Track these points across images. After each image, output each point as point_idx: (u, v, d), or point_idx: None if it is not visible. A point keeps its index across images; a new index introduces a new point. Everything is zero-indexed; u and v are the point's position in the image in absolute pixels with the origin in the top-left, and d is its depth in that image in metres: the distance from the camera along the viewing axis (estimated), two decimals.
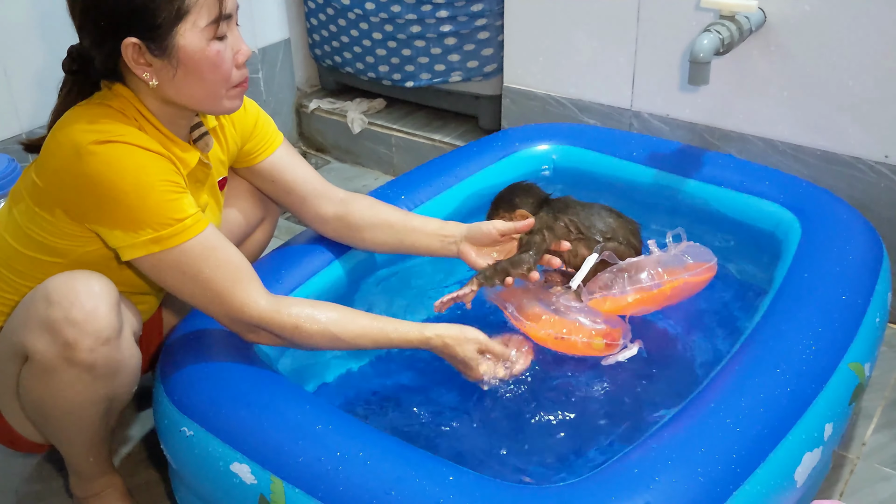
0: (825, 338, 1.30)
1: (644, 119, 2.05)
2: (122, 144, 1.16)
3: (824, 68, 1.76)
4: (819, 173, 1.83)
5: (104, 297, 1.19)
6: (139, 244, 1.17)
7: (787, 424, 1.16)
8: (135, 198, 1.15)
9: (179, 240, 1.18)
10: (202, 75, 1.21)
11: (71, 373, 1.19)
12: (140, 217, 1.16)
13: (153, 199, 1.16)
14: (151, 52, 1.18)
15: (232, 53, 1.23)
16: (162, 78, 1.20)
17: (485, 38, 2.32)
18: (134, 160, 1.16)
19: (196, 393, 1.24)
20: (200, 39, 1.19)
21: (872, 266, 1.48)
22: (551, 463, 1.30)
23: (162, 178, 1.18)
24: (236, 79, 1.25)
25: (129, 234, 1.17)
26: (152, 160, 1.18)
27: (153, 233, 1.17)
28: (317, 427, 1.15)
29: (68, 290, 1.17)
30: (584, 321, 1.42)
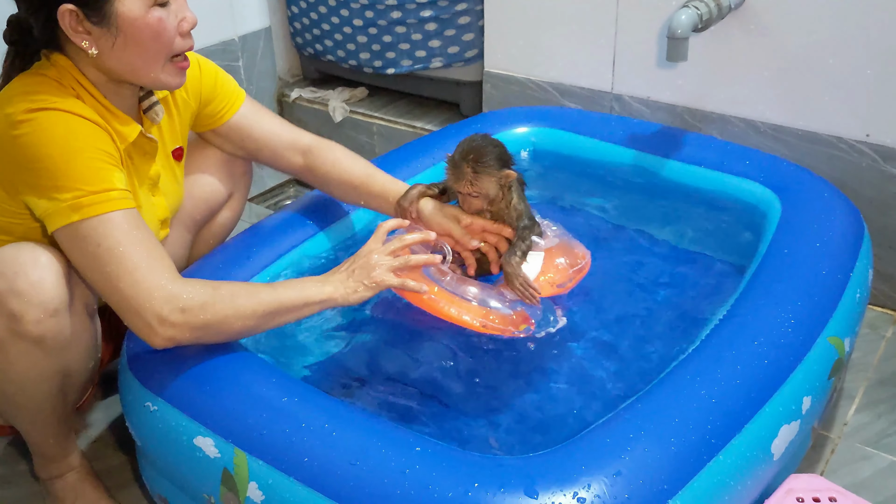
0: (804, 311, 1.29)
1: (625, 102, 2.03)
2: (54, 111, 1.12)
3: (805, 47, 1.74)
4: (800, 153, 1.81)
5: (50, 268, 1.14)
6: (60, 211, 1.11)
7: (764, 396, 1.14)
8: (60, 161, 1.10)
9: (100, 210, 1.11)
10: (143, 44, 1.16)
11: (19, 346, 1.15)
12: (62, 182, 1.10)
13: (79, 165, 1.11)
14: (89, 18, 1.14)
15: (176, 21, 1.19)
16: (101, 46, 1.16)
17: (465, 23, 2.30)
18: (65, 125, 1.12)
19: (160, 367, 1.21)
20: (141, 5, 1.15)
21: (853, 242, 1.47)
22: (523, 434, 1.28)
23: (92, 145, 1.13)
24: (179, 47, 1.21)
25: (52, 201, 1.11)
26: (84, 127, 1.13)
27: (73, 200, 1.10)
28: (281, 399, 1.12)
29: (13, 261, 1.13)
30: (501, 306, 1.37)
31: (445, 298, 1.36)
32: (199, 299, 1.13)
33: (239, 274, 1.42)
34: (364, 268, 1.27)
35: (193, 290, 1.13)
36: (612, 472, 1.00)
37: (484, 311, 1.35)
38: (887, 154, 1.71)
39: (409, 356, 1.43)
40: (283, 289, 1.21)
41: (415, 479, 1.00)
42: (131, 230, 1.13)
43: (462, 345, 1.46)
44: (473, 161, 1.36)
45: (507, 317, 1.36)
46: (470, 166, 1.36)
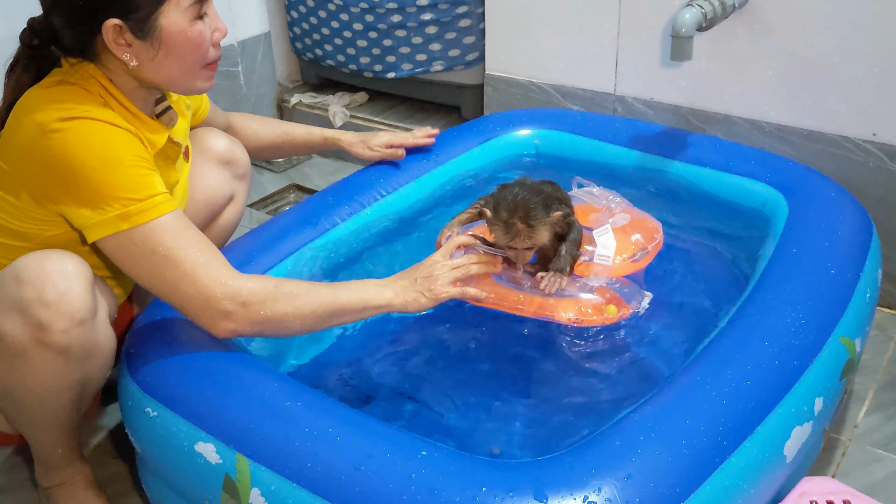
0: (814, 311, 1.26)
1: (628, 103, 2.02)
2: (88, 120, 1.12)
3: (810, 46, 1.72)
4: (806, 153, 1.79)
5: (78, 277, 1.13)
6: (106, 221, 1.11)
7: (776, 398, 1.12)
8: (102, 172, 1.10)
9: (149, 216, 1.12)
10: (183, 56, 1.19)
11: (44, 356, 1.13)
12: (107, 192, 1.11)
13: (121, 174, 1.11)
14: (133, 32, 1.14)
15: (210, 32, 1.21)
16: (142, 59, 1.17)
17: (466, 27, 2.28)
18: (101, 135, 1.12)
19: (160, 372, 1.19)
20: (184, 19, 1.17)
21: (862, 242, 1.45)
22: (531, 437, 1.26)
23: (130, 153, 1.14)
24: (212, 56, 1.23)
25: (97, 210, 1.11)
26: (120, 135, 1.14)
27: (121, 208, 1.11)
28: (284, 404, 1.10)
29: (40, 270, 1.11)
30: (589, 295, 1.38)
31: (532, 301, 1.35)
32: (260, 295, 1.15)
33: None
34: (427, 278, 1.28)
35: (255, 286, 1.16)
36: (623, 476, 0.98)
37: (576, 305, 1.35)
38: (894, 153, 1.69)
39: (414, 359, 1.41)
40: (344, 290, 1.23)
41: (421, 483, 0.98)
42: (182, 231, 1.15)
43: (468, 348, 1.45)
44: (524, 217, 1.31)
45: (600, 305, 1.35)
46: (523, 223, 1.31)
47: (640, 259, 1.45)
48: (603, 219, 1.49)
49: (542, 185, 1.39)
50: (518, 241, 1.33)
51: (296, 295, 1.18)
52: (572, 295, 1.37)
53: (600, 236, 1.44)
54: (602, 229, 1.44)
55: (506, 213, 1.31)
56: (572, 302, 1.36)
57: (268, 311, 1.16)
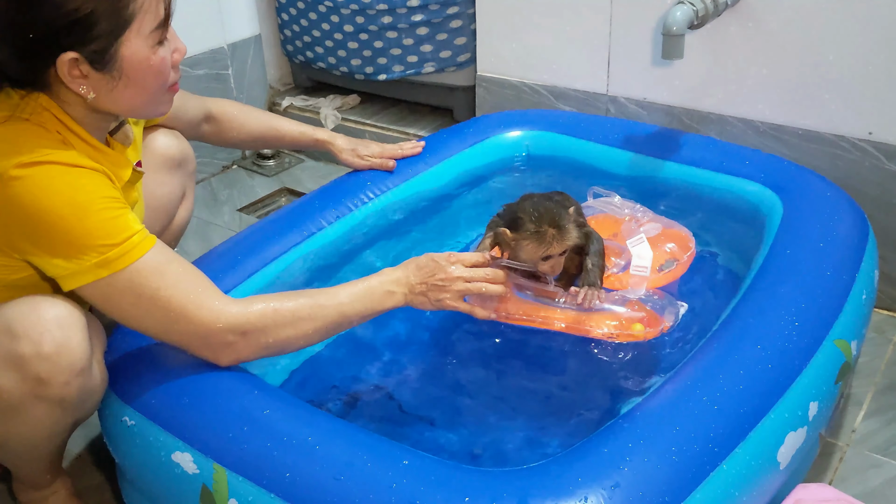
0: (809, 313, 1.24)
1: (621, 104, 1.99)
2: (51, 165, 1.03)
3: (804, 44, 1.70)
4: (801, 153, 1.76)
5: (74, 324, 1.07)
6: (84, 270, 1.04)
7: (769, 402, 1.09)
8: (73, 220, 1.02)
9: (129, 259, 1.05)
10: (146, 84, 1.11)
11: (40, 408, 1.08)
12: (81, 241, 1.03)
13: (93, 219, 1.04)
14: (91, 63, 1.05)
15: (171, 55, 1.13)
16: (99, 90, 1.08)
17: (457, 27, 2.26)
18: (66, 180, 1.04)
19: (138, 381, 1.16)
20: (145, 47, 1.08)
21: (857, 243, 1.42)
22: (518, 445, 1.23)
23: (100, 195, 1.06)
24: (173, 80, 1.15)
25: (72, 261, 1.03)
26: (86, 177, 1.06)
27: (99, 256, 1.03)
28: (263, 412, 1.07)
29: (35, 321, 1.04)
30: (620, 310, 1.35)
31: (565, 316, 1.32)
32: (259, 323, 1.11)
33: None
34: (440, 287, 1.23)
35: (252, 314, 1.11)
36: (611, 485, 0.95)
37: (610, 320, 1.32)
38: (891, 152, 1.66)
39: (396, 367, 1.38)
40: (350, 301, 1.18)
41: (403, 493, 0.95)
42: (167, 267, 1.08)
43: (450, 355, 1.42)
44: (552, 222, 1.30)
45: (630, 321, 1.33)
46: (553, 227, 1.30)
47: (673, 269, 1.43)
48: (633, 229, 1.47)
49: (551, 195, 1.38)
50: (553, 248, 1.31)
51: (297, 317, 1.14)
52: (607, 309, 1.35)
53: (635, 247, 1.42)
54: (636, 240, 1.42)
55: (533, 224, 1.30)
56: (605, 316, 1.34)
57: (269, 337, 1.12)
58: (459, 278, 1.23)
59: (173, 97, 1.19)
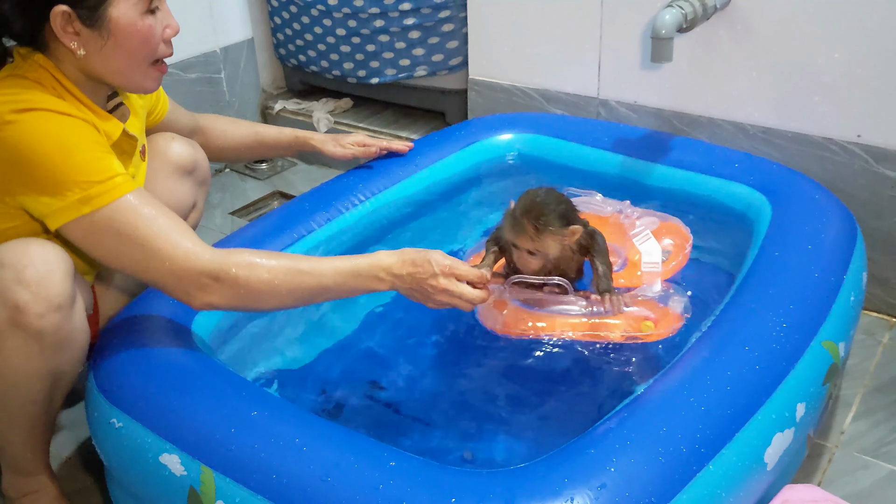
0: (796, 315, 1.24)
1: (611, 107, 2.00)
2: (41, 111, 1.11)
3: (793, 47, 1.70)
4: (790, 156, 1.77)
5: (59, 264, 1.12)
6: (68, 207, 1.11)
7: (756, 403, 1.10)
8: (59, 158, 1.10)
9: (110, 197, 1.11)
10: (131, 48, 1.19)
11: (18, 339, 1.11)
12: (66, 177, 1.10)
13: (78, 158, 1.11)
14: (82, 21, 1.15)
15: (161, 28, 1.22)
16: (90, 48, 1.18)
17: (449, 31, 2.26)
18: (55, 123, 1.12)
19: (126, 383, 1.16)
20: (134, 12, 1.17)
21: (846, 245, 1.42)
22: (506, 446, 1.23)
23: (86, 138, 1.13)
24: (162, 53, 1.23)
25: (56, 197, 1.10)
26: (75, 123, 1.14)
27: (81, 192, 1.10)
28: (250, 413, 1.07)
29: (22, 254, 1.10)
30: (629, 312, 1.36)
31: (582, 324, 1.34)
32: (234, 272, 1.14)
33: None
34: (424, 292, 1.22)
35: (229, 262, 1.14)
36: (597, 485, 0.95)
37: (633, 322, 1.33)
38: (879, 155, 1.67)
39: (386, 367, 1.39)
40: (332, 276, 1.18)
41: (390, 494, 0.95)
42: (146, 209, 1.13)
43: (439, 357, 1.42)
44: (535, 219, 1.29)
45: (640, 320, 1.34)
46: (531, 224, 1.29)
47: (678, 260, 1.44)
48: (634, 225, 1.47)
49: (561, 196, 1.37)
50: (521, 241, 1.31)
51: (273, 276, 1.15)
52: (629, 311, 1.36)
53: (642, 244, 1.41)
54: (642, 236, 1.41)
55: (520, 210, 1.31)
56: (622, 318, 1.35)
57: (242, 289, 1.14)
58: (445, 291, 1.21)
59: (161, 76, 1.26)
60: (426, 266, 1.20)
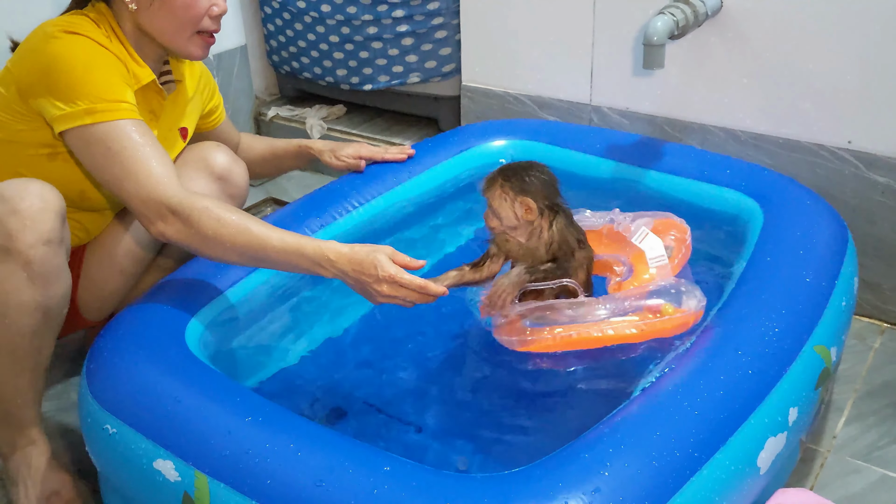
0: (788, 320, 1.25)
1: (604, 113, 2.00)
2: (83, 37, 1.28)
3: (784, 54, 1.72)
4: (782, 161, 1.78)
5: (53, 202, 1.22)
6: (75, 114, 1.24)
7: (749, 408, 1.10)
8: (81, 72, 1.25)
9: (111, 116, 1.25)
10: (174, 12, 1.33)
11: (7, 266, 1.19)
12: (81, 89, 1.25)
13: (96, 76, 1.26)
14: None
15: (208, 4, 1.35)
16: (141, 4, 1.34)
17: (442, 38, 2.27)
18: (90, 47, 1.28)
19: (119, 388, 1.16)
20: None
21: (837, 249, 1.43)
22: (501, 451, 1.23)
23: (111, 66, 1.29)
24: (206, 26, 1.37)
25: (69, 104, 1.25)
26: (106, 53, 1.30)
27: (89, 104, 1.25)
28: (244, 419, 1.07)
29: (21, 189, 1.20)
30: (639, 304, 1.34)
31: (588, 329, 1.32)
32: (187, 211, 1.23)
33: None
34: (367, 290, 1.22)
35: (186, 200, 1.23)
36: (591, 489, 0.95)
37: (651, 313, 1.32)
38: (870, 161, 1.68)
39: (379, 372, 1.39)
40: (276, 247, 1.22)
41: (384, 499, 0.95)
42: (137, 137, 1.26)
43: (434, 362, 1.42)
44: (502, 174, 1.31)
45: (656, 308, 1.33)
46: (503, 179, 1.31)
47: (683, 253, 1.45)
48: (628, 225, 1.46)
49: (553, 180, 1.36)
50: (485, 192, 1.33)
51: (221, 226, 1.22)
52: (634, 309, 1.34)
53: (642, 241, 1.40)
54: (640, 234, 1.40)
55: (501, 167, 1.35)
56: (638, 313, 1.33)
57: (191, 229, 1.23)
58: (387, 296, 1.21)
59: (207, 47, 1.40)
60: (371, 270, 1.20)
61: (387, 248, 1.23)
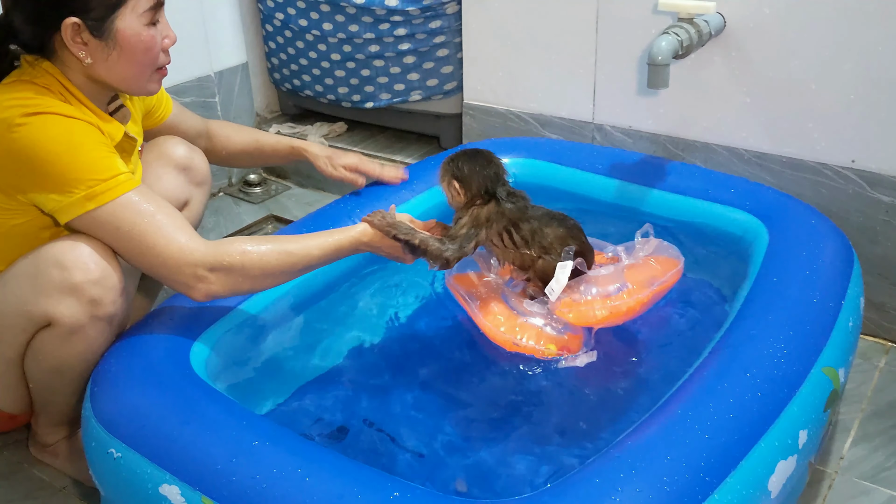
0: (797, 341, 1.24)
1: (606, 132, 2.01)
2: (50, 115, 1.19)
3: (787, 73, 1.72)
4: (785, 180, 1.78)
5: (107, 254, 1.24)
6: (74, 203, 1.20)
7: (759, 431, 1.09)
8: (67, 158, 1.18)
9: (113, 195, 1.21)
10: (135, 58, 1.27)
11: (96, 327, 1.24)
12: (73, 175, 1.19)
13: (84, 157, 1.20)
14: (91, 31, 1.23)
15: (161, 39, 1.30)
16: (96, 57, 1.25)
17: (444, 56, 2.27)
18: (63, 125, 1.20)
19: (124, 412, 1.15)
20: (138, 24, 1.25)
21: (843, 269, 1.43)
22: (511, 476, 1.22)
23: (91, 140, 1.22)
24: (162, 61, 1.32)
25: (64, 195, 1.19)
26: (81, 126, 1.22)
27: (87, 189, 1.19)
28: (252, 443, 1.06)
29: (78, 253, 1.21)
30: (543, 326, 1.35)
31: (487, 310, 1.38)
32: (227, 261, 1.23)
33: None
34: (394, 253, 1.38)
35: (221, 252, 1.23)
36: None
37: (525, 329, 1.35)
38: (874, 180, 1.68)
39: (387, 398, 1.37)
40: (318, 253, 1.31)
41: None
42: (146, 206, 1.23)
43: (441, 386, 1.42)
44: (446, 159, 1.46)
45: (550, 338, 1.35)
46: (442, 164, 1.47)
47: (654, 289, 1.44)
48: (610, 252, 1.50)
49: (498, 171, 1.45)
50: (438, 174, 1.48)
51: (264, 256, 1.25)
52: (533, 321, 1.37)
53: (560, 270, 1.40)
54: (564, 264, 1.40)
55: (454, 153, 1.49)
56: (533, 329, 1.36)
57: (237, 276, 1.24)
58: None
59: (162, 79, 1.35)
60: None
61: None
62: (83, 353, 1.27)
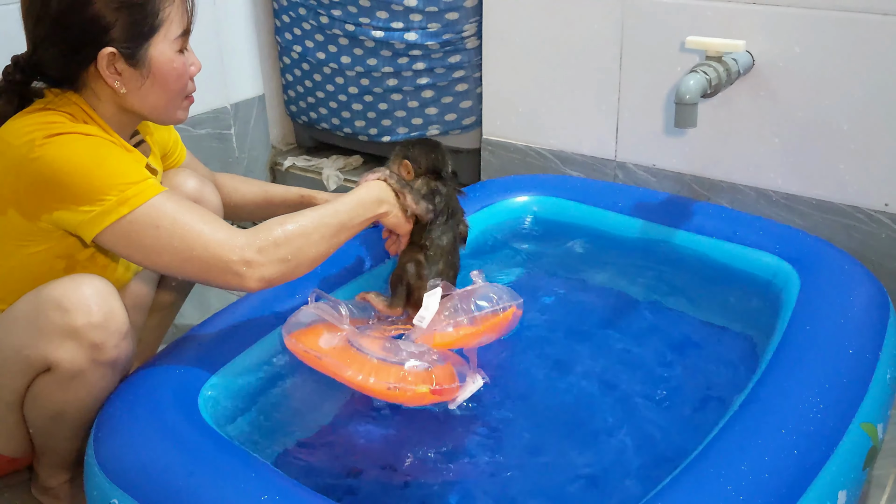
0: (833, 395, 1.18)
1: (629, 170, 1.96)
2: (72, 135, 1.18)
3: (817, 113, 1.67)
4: (815, 224, 1.73)
5: (112, 295, 1.21)
6: (107, 210, 1.16)
7: (797, 492, 1.03)
8: (93, 167, 1.16)
9: (146, 196, 1.18)
10: (168, 85, 1.28)
11: (98, 372, 1.21)
12: (102, 182, 1.16)
13: (111, 163, 1.18)
14: (126, 60, 1.23)
15: (190, 65, 1.31)
16: (130, 86, 1.25)
17: (463, 91, 2.24)
18: (86, 141, 1.19)
19: (128, 460, 1.10)
20: (171, 51, 1.27)
21: (879, 318, 1.37)
22: None
23: (116, 150, 1.21)
24: (190, 89, 1.33)
25: (95, 203, 1.16)
26: (105, 141, 1.21)
27: (119, 194, 1.16)
28: (261, 497, 1.01)
29: (80, 295, 1.18)
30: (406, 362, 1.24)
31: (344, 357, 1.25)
32: (271, 237, 1.21)
33: None
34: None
35: (262, 231, 1.22)
36: None
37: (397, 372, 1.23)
38: None
39: (400, 441, 1.32)
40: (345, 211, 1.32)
41: None
42: (180, 203, 1.20)
43: (456, 427, 1.36)
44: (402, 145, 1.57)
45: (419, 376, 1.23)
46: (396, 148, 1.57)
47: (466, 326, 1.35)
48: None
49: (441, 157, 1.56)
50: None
51: (304, 229, 1.24)
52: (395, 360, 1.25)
53: (428, 298, 1.35)
54: (433, 292, 1.36)
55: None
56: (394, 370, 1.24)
57: (283, 249, 1.21)
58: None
59: (189, 107, 1.35)
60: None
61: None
62: (84, 398, 1.24)
